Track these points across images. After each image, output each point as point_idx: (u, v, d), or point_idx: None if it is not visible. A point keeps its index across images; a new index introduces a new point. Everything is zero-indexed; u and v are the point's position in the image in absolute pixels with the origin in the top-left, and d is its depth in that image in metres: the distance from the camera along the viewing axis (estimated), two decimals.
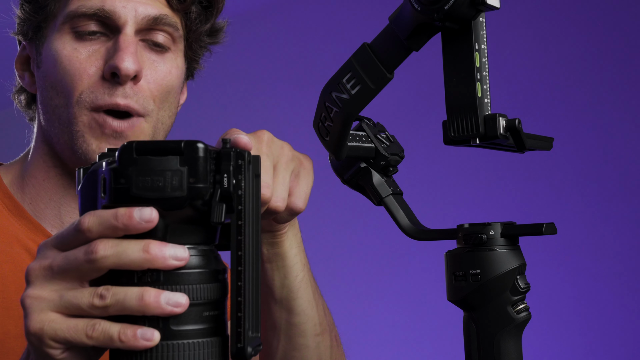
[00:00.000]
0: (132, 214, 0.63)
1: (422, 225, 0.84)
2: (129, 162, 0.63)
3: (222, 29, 1.16)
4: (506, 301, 0.76)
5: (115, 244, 0.63)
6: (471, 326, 0.77)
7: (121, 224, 0.63)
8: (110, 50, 1.02)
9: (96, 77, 1.02)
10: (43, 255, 0.67)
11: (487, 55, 0.74)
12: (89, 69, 1.02)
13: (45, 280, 0.65)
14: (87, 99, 1.02)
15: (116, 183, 0.63)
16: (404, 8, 0.72)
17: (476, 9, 0.70)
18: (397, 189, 0.86)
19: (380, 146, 0.86)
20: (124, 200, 0.63)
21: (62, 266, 0.65)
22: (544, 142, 0.78)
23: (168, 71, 1.07)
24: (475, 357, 0.77)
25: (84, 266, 0.64)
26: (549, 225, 0.75)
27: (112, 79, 1.02)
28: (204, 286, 0.65)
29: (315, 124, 0.80)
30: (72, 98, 1.02)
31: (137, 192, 0.63)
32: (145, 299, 0.62)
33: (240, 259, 0.65)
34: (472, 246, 0.76)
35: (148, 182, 0.63)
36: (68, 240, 0.65)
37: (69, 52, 1.03)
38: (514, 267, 0.76)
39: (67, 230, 0.66)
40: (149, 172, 0.63)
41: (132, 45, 1.02)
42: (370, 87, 0.75)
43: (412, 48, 0.73)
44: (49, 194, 1.08)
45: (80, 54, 1.03)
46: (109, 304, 0.63)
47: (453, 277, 0.77)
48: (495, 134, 0.72)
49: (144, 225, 0.63)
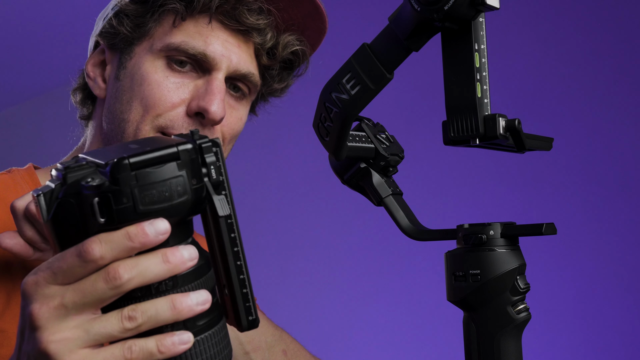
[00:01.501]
0: (145, 230, 0.62)
1: (422, 225, 0.84)
2: (127, 179, 0.61)
3: (288, 86, 1.22)
4: (506, 301, 0.76)
5: (135, 264, 0.62)
6: (471, 326, 0.77)
7: (137, 243, 0.62)
8: (201, 89, 1.06)
9: (179, 110, 1.06)
10: (44, 295, 0.63)
11: (487, 56, 0.74)
12: (174, 98, 1.06)
13: (60, 319, 0.62)
14: (161, 122, 1.05)
15: (118, 204, 0.61)
16: (403, 8, 0.72)
17: (476, 9, 0.70)
18: (397, 189, 0.87)
19: (380, 146, 0.86)
20: (131, 219, 0.62)
21: (78, 300, 0.62)
22: (544, 142, 0.78)
23: (240, 117, 1.12)
24: (475, 357, 0.77)
25: (106, 294, 0.62)
26: (549, 225, 0.75)
27: (195, 117, 1.06)
28: (208, 275, 0.67)
29: (315, 124, 0.80)
30: (147, 116, 1.05)
31: (144, 207, 0.62)
32: (178, 306, 0.63)
33: (235, 240, 0.68)
34: (472, 246, 0.77)
35: (154, 195, 0.62)
36: (74, 272, 0.62)
37: (160, 77, 1.06)
38: (514, 267, 0.76)
39: (68, 262, 0.63)
40: (152, 185, 0.62)
41: (222, 92, 1.07)
42: (370, 87, 0.75)
43: (412, 48, 0.73)
44: None
45: (170, 82, 1.06)
46: (142, 322, 0.62)
47: (453, 277, 0.77)
48: (495, 134, 0.72)
49: (160, 238, 0.62)
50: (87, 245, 0.62)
